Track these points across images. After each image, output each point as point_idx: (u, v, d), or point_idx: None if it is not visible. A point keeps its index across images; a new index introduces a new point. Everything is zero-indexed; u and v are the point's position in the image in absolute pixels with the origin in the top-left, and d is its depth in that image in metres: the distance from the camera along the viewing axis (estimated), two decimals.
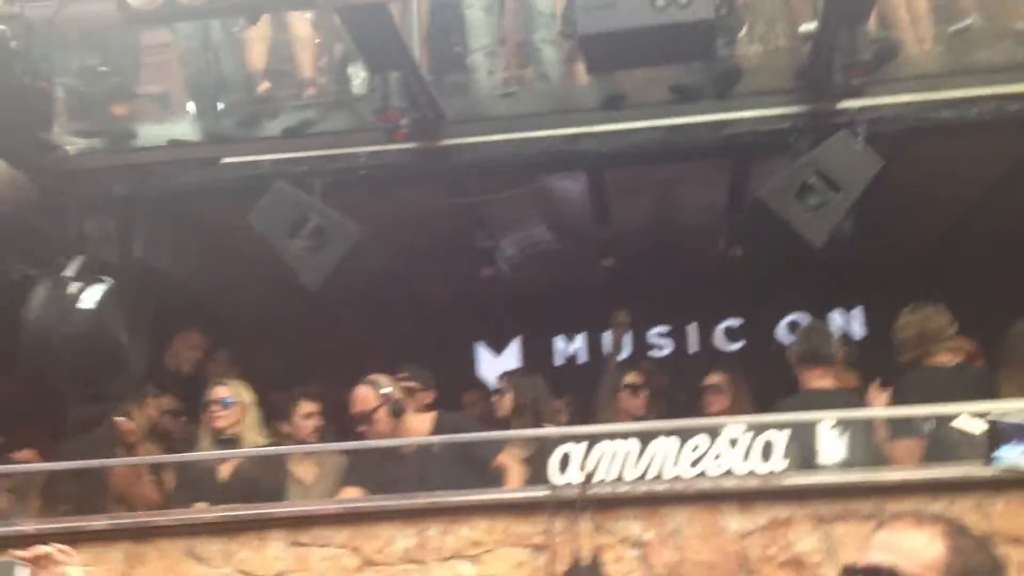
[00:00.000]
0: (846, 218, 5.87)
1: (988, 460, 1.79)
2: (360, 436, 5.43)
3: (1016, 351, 5.10)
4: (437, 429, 5.38)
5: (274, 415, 5.97)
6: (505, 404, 6.10)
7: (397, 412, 5.31)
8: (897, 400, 5.06)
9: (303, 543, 4.71)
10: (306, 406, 5.95)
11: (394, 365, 5.94)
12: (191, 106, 6.58)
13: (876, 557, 1.87)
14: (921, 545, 1.87)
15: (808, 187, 5.20)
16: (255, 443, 5.52)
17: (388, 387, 5.37)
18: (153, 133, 6.27)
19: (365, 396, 5.36)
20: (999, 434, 1.76)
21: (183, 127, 6.36)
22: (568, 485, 4.59)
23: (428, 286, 7.76)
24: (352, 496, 5.08)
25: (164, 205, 6.26)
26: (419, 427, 5.41)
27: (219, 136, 6.21)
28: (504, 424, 6.13)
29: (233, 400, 5.56)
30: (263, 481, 5.40)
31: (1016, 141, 5.83)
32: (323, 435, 6.05)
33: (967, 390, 4.88)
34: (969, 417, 4.76)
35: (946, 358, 5.27)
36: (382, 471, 5.25)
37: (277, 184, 5.74)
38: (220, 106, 6.46)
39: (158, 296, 6.26)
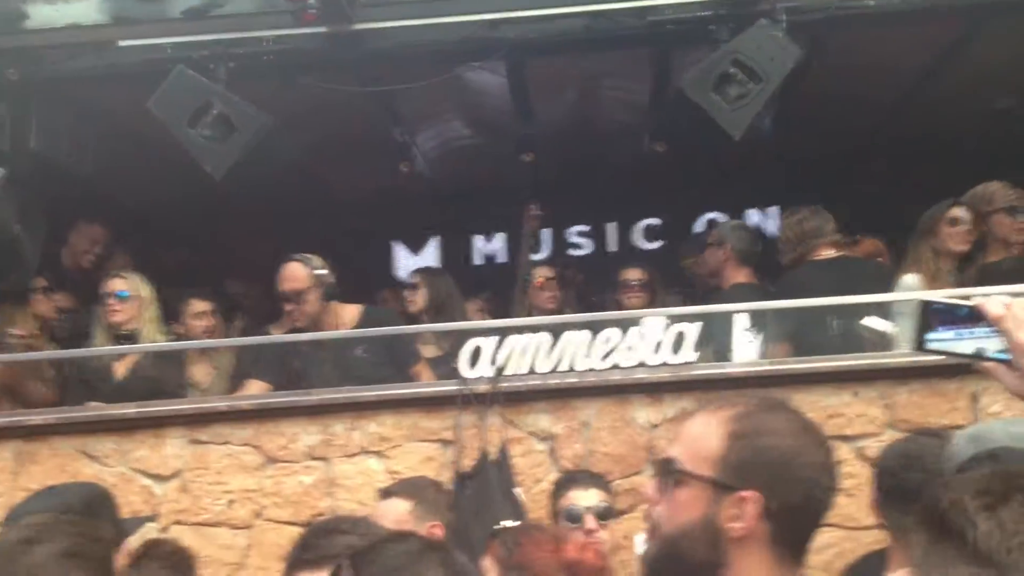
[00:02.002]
0: (765, 113, 5.80)
1: (918, 345, 1.68)
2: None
3: (915, 237, 5.13)
4: (363, 320, 5.19)
5: (170, 313, 5.74)
6: (418, 300, 5.98)
7: (329, 295, 5.10)
8: (783, 295, 5.05)
9: (202, 441, 4.57)
10: (197, 305, 5.71)
11: None
12: None
13: (671, 449, 1.79)
14: (704, 434, 1.75)
15: (727, 77, 5.07)
16: (153, 340, 5.30)
17: (321, 268, 5.13)
18: (46, 14, 5.89)
19: (297, 274, 5.10)
20: (930, 317, 1.67)
21: (79, 8, 5.98)
22: (478, 379, 4.50)
23: (342, 181, 7.54)
24: (253, 392, 4.91)
25: (60, 91, 5.91)
26: (346, 315, 5.20)
27: (117, 17, 5.84)
28: (415, 320, 6.03)
29: (130, 294, 5.33)
30: (161, 380, 5.20)
31: (940, 30, 5.78)
32: (219, 335, 5.86)
33: (849, 281, 4.88)
34: (876, 317, 4.79)
35: (827, 252, 5.25)
36: (290, 362, 5.07)
37: (178, 68, 5.45)
38: None
39: (54, 187, 5.96)
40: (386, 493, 3.69)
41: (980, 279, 4.83)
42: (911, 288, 4.85)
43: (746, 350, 4.89)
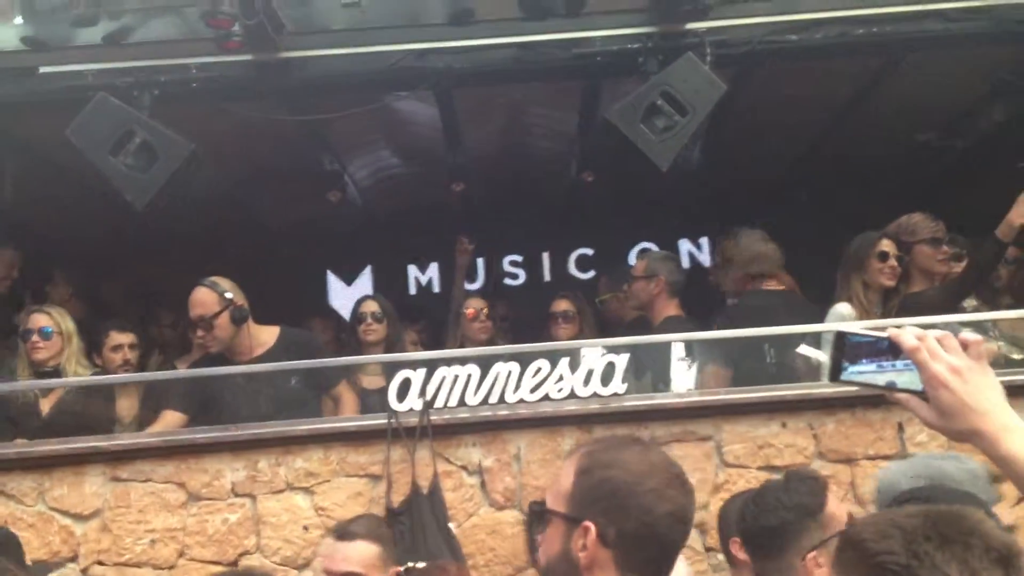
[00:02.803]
0: (693, 144, 5.86)
1: (835, 376, 1.68)
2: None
3: (844, 269, 5.20)
4: (281, 341, 5.08)
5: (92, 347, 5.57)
6: (379, 331, 5.81)
7: (240, 318, 4.99)
8: (735, 322, 5.09)
9: (123, 479, 4.44)
10: (116, 338, 5.56)
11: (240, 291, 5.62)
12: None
13: (545, 493, 1.97)
14: (562, 474, 1.92)
15: (655, 109, 5.11)
16: (78, 375, 5.15)
17: (230, 291, 5.02)
18: None
19: (205, 299, 4.98)
20: (848, 349, 1.67)
21: None
22: (408, 412, 4.44)
23: (272, 209, 7.45)
24: (174, 428, 4.77)
25: None
26: (263, 336, 5.08)
27: (38, 43, 5.71)
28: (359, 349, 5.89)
29: (53, 330, 5.18)
30: (86, 415, 5.05)
31: (862, 64, 5.90)
32: (138, 369, 5.71)
33: (796, 315, 4.96)
34: (807, 346, 4.84)
35: (773, 284, 5.33)
36: (211, 394, 4.95)
37: (99, 95, 5.34)
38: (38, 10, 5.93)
39: None
40: (345, 534, 3.49)
41: (903, 310, 4.91)
42: (844, 317, 4.91)
43: (683, 380, 4.92)
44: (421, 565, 3.58)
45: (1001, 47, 5.62)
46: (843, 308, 5.01)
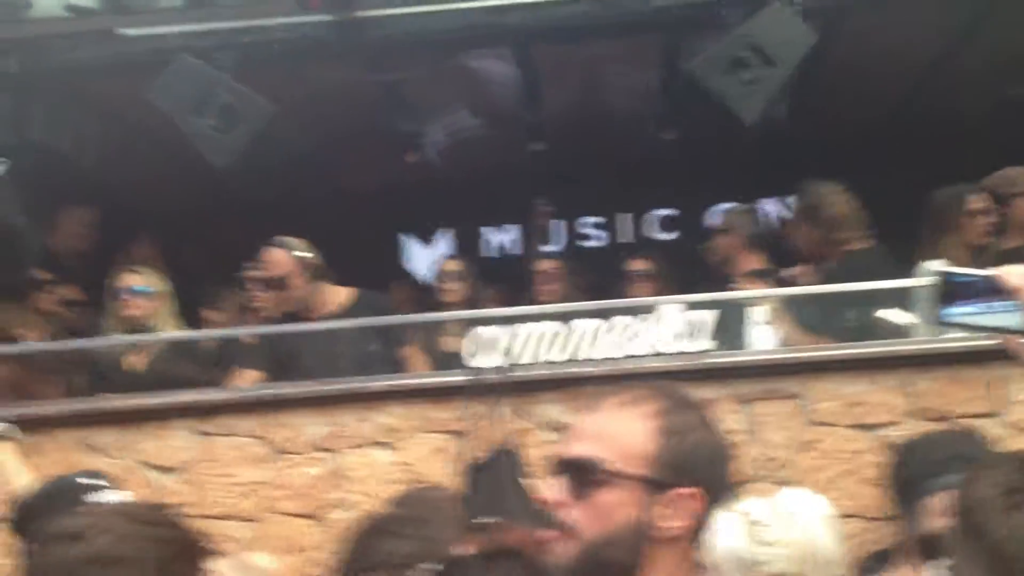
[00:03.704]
0: (780, 100, 5.71)
1: (936, 319, 1.62)
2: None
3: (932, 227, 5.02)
4: (357, 303, 5.09)
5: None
6: (459, 291, 5.80)
7: (315, 276, 4.99)
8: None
9: (208, 432, 4.49)
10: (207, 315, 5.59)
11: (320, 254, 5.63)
12: None
13: (579, 447, 1.65)
14: (627, 430, 1.63)
15: (740, 61, 5.00)
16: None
17: (303, 250, 5.03)
18: (48, 4, 5.83)
19: (278, 259, 5.01)
20: (950, 290, 1.60)
21: None
22: (488, 369, 4.41)
23: (349, 171, 7.46)
24: (260, 383, 4.82)
25: (62, 81, 5.86)
26: (339, 297, 5.09)
27: (119, 6, 5.78)
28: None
29: (145, 289, 5.26)
30: (175, 372, 5.13)
31: (954, 16, 5.68)
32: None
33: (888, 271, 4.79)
34: (894, 310, 4.68)
35: (865, 243, 5.16)
36: (288, 352, 4.98)
37: (181, 57, 5.39)
38: None
39: (56, 179, 5.90)
40: None
41: (999, 265, 4.72)
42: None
43: (763, 338, 4.80)
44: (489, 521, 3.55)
45: None
46: (935, 266, 4.83)
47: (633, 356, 4.36)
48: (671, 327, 4.35)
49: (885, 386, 4.20)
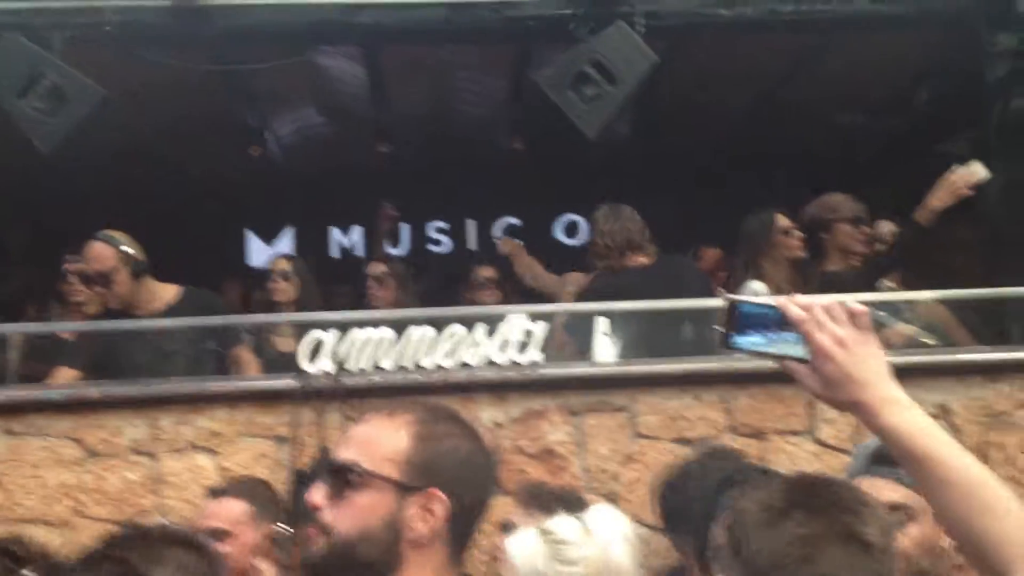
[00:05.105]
0: (622, 115, 5.82)
1: (724, 345, 1.68)
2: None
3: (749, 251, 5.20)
4: (184, 300, 4.90)
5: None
6: (288, 290, 5.65)
7: (139, 273, 4.81)
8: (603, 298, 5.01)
9: (16, 432, 4.25)
10: None
11: (151, 248, 5.42)
12: None
13: (342, 453, 1.76)
14: (384, 437, 1.75)
15: (584, 76, 5.06)
16: None
17: (127, 245, 4.84)
18: None
19: (101, 254, 4.74)
20: (738, 319, 1.66)
21: None
22: (318, 374, 4.33)
23: (188, 162, 7.22)
24: (74, 382, 4.60)
25: None
26: (164, 294, 4.86)
27: None
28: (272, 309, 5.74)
29: None
30: None
31: (792, 42, 5.92)
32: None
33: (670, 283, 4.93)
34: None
35: (641, 259, 5.21)
36: (108, 349, 4.77)
37: (8, 36, 5.12)
38: None
39: None
40: (218, 492, 3.46)
41: (821, 288, 4.93)
42: (757, 293, 4.91)
43: (607, 350, 4.86)
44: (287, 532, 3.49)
45: (928, 32, 5.67)
46: (756, 285, 5.01)
47: (466, 366, 4.34)
48: (505, 337, 4.36)
49: (707, 401, 4.33)
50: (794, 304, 1.64)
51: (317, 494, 1.73)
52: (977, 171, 4.85)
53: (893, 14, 5.46)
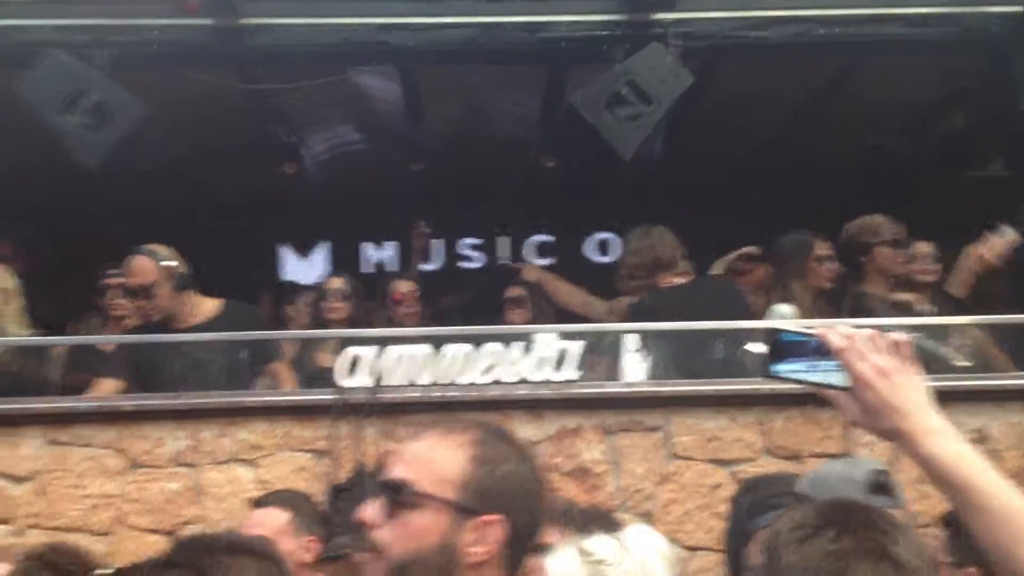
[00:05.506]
0: (656, 136, 5.86)
1: (765, 373, 1.71)
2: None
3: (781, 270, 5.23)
4: (224, 314, 4.97)
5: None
6: (344, 310, 5.71)
7: (180, 286, 4.89)
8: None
9: (62, 442, 4.34)
10: None
11: (188, 262, 5.48)
12: None
13: (397, 471, 1.73)
14: (441, 457, 1.72)
15: (620, 97, 5.11)
16: (16, 334, 5.01)
17: (169, 259, 4.91)
18: None
19: (144, 267, 4.82)
20: (780, 347, 1.69)
21: None
22: (356, 388, 4.39)
23: (225, 179, 7.30)
24: (105, 391, 4.67)
25: None
26: (205, 308, 4.95)
27: None
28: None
29: None
30: (23, 375, 4.93)
31: (822, 65, 5.95)
32: None
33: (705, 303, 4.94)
34: (755, 344, 4.84)
35: (676, 280, 5.20)
36: (149, 361, 4.84)
37: (53, 52, 5.22)
38: None
39: None
40: (260, 503, 3.56)
41: (856, 309, 4.94)
42: (785, 316, 4.93)
43: (635, 370, 4.89)
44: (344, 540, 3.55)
45: (960, 54, 5.69)
46: (784, 308, 5.03)
47: (500, 383, 4.38)
48: (539, 356, 4.40)
49: (743, 423, 4.36)
50: (835, 333, 1.67)
51: (370, 511, 1.71)
52: (1007, 237, 4.87)
53: (925, 38, 5.48)
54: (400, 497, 1.68)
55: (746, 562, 2.29)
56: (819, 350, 1.68)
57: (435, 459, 1.71)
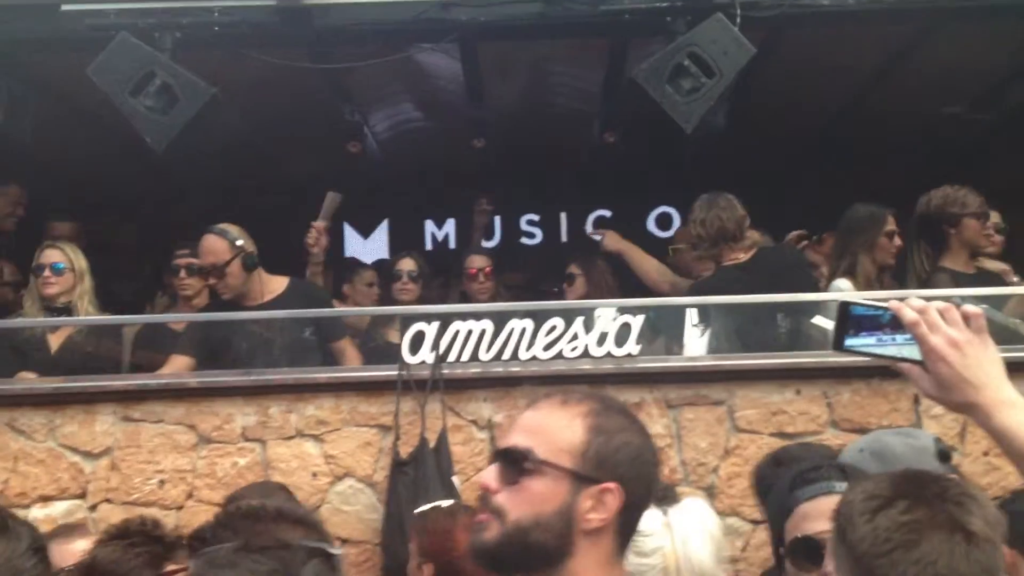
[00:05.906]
0: (718, 108, 5.78)
1: (836, 346, 1.71)
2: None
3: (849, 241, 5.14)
4: (290, 291, 5.07)
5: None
6: (414, 289, 5.80)
7: (251, 265, 4.98)
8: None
9: (134, 419, 4.45)
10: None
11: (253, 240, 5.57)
12: None
13: (515, 439, 1.79)
14: (560, 426, 1.78)
15: (681, 70, 5.04)
16: (87, 314, 5.14)
17: (239, 238, 5.01)
18: None
19: (215, 247, 4.95)
20: (851, 320, 1.68)
21: None
22: (420, 364, 4.43)
23: (289, 158, 7.40)
24: (177, 368, 4.78)
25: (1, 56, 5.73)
26: (273, 285, 5.06)
27: None
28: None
29: (65, 266, 5.16)
30: (95, 354, 5.06)
31: (893, 33, 5.81)
32: None
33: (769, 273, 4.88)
34: (822, 317, 4.78)
35: (743, 254, 5.15)
36: (220, 339, 4.94)
37: (121, 35, 5.30)
38: None
39: None
40: (232, 498, 3.62)
41: (939, 283, 4.83)
42: (842, 291, 4.85)
43: (696, 344, 4.87)
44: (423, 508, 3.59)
45: None
46: (843, 283, 4.96)
47: (563, 358, 4.39)
48: (600, 331, 4.39)
49: (808, 396, 4.31)
50: (908, 306, 1.65)
51: (490, 477, 1.77)
52: None
53: (998, 3, 5.32)
54: (519, 464, 1.74)
55: (788, 536, 2.28)
56: (892, 323, 1.67)
57: (552, 428, 1.78)
